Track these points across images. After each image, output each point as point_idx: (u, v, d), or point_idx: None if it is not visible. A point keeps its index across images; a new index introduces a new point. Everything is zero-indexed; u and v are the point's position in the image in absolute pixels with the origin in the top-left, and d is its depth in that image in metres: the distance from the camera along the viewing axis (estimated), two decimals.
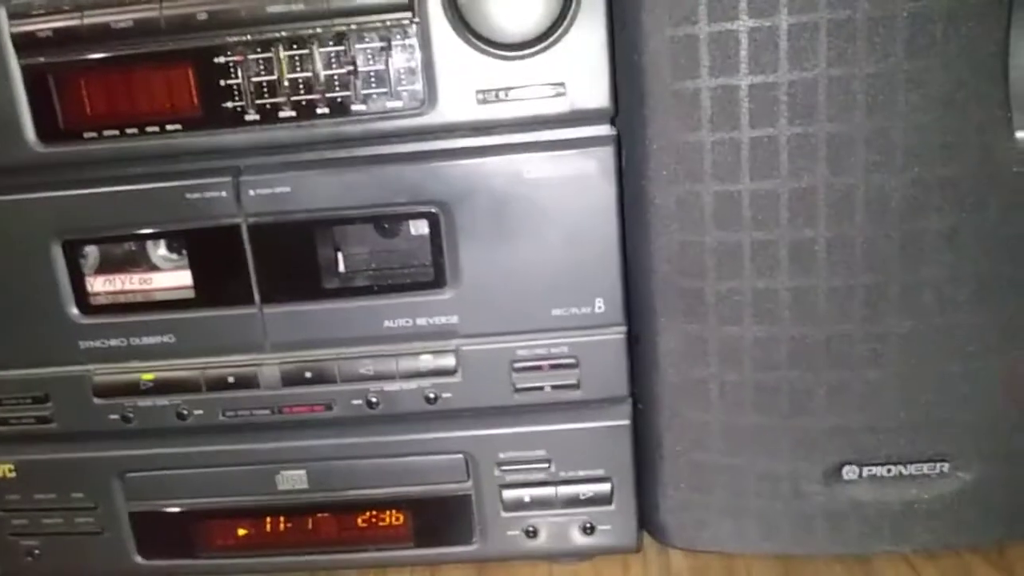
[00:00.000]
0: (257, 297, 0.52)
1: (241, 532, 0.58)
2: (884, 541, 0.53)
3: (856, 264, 0.46)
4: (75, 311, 0.53)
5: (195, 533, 0.58)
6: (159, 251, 0.53)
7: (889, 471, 0.51)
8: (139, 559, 0.58)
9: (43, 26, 0.48)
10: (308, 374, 0.53)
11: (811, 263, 0.46)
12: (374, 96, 0.48)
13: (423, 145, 0.50)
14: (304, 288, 0.52)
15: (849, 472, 0.51)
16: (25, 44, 0.48)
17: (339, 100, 0.48)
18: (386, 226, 0.52)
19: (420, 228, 0.51)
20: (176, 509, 0.57)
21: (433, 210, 0.50)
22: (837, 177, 0.44)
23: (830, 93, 0.43)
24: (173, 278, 0.53)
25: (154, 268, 0.53)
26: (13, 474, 0.57)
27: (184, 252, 0.52)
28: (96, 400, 0.55)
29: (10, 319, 0.54)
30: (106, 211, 0.51)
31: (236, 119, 0.49)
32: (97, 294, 0.53)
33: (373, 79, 0.48)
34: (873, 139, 0.43)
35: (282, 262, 0.51)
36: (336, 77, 0.48)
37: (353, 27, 0.47)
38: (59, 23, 0.47)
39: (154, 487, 0.57)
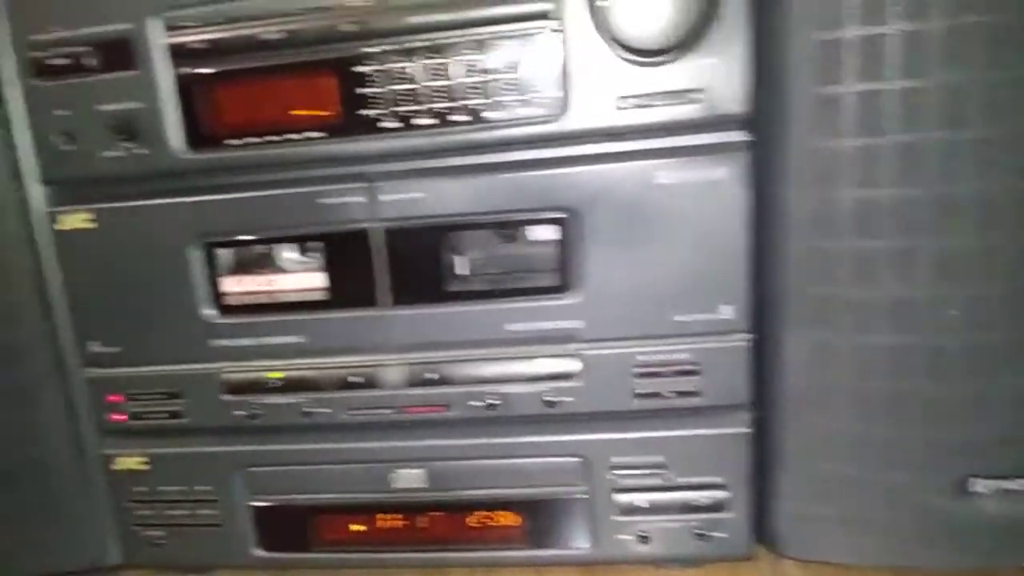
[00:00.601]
0: (385, 300, 0.52)
1: (355, 528, 0.58)
2: (1012, 556, 0.50)
3: (999, 272, 0.44)
4: (211, 311, 0.54)
5: (311, 528, 0.58)
6: (291, 254, 0.54)
7: (1022, 485, 0.49)
8: (256, 551, 0.59)
9: (198, 37, 0.49)
10: (430, 375, 0.53)
11: (953, 271, 0.44)
12: (510, 103, 0.48)
13: (554, 151, 0.50)
14: (430, 291, 0.52)
15: (978, 485, 0.49)
16: (180, 54, 0.49)
17: (475, 108, 0.48)
18: (512, 231, 0.52)
19: (546, 233, 0.51)
20: (294, 504, 0.57)
21: (562, 215, 0.50)
22: (983, 183, 0.42)
23: (981, 98, 0.41)
24: (305, 280, 0.54)
25: (285, 271, 0.54)
26: (145, 466, 0.58)
27: (316, 255, 0.53)
28: (225, 397, 0.55)
29: (149, 318, 0.55)
30: (245, 215, 0.52)
31: (373, 127, 0.49)
32: (232, 295, 0.54)
33: (510, 86, 0.48)
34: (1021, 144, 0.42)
35: (411, 266, 0.52)
36: (473, 85, 0.48)
37: (492, 35, 0.47)
38: (213, 34, 0.48)
39: (274, 482, 0.57)
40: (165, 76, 0.50)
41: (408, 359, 0.53)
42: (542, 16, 0.46)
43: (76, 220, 0.54)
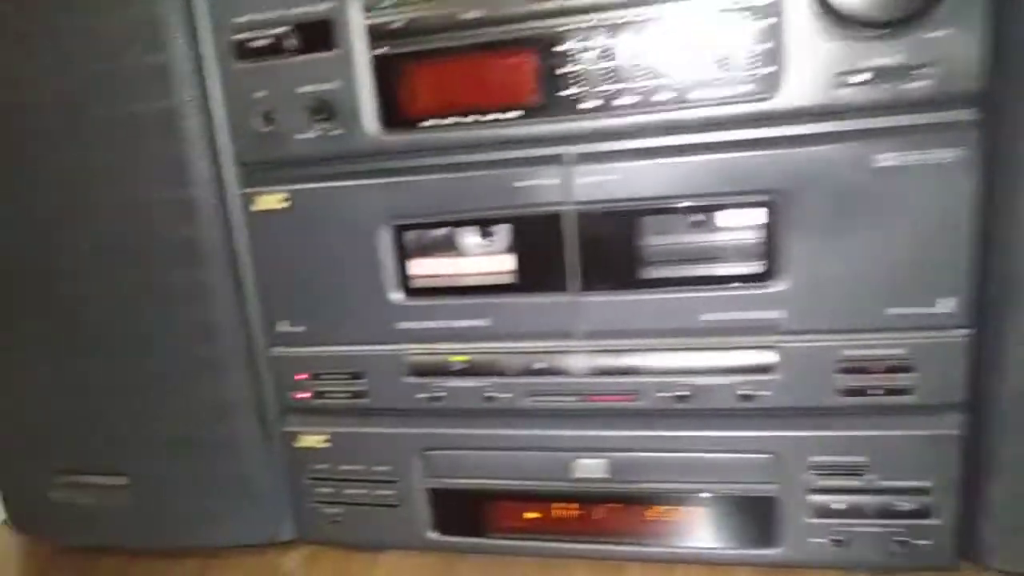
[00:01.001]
0: (575, 285, 0.52)
1: (531, 516, 0.59)
2: None
3: None
4: (398, 293, 0.56)
5: (486, 513, 0.59)
6: (477, 238, 0.54)
7: None
8: (432, 534, 0.60)
9: (397, 17, 0.50)
10: (618, 364, 0.53)
11: None
12: (718, 81, 0.47)
13: (762, 131, 0.48)
14: (623, 277, 0.52)
15: None
16: (378, 35, 0.50)
17: (680, 86, 0.47)
18: (712, 216, 0.50)
19: (749, 218, 0.50)
20: (471, 488, 0.59)
21: (768, 199, 0.48)
22: None
23: None
24: (492, 263, 0.54)
25: (472, 254, 0.55)
26: (326, 445, 0.60)
27: (503, 239, 0.53)
28: (408, 379, 0.57)
29: (336, 299, 0.57)
30: (437, 197, 0.53)
31: (572, 107, 0.49)
32: (419, 277, 0.56)
33: (718, 63, 0.46)
34: None
35: (604, 250, 0.52)
36: (679, 62, 0.47)
37: (701, 8, 0.46)
38: (412, 14, 0.49)
39: (453, 466, 0.59)
40: (362, 57, 0.52)
41: (596, 346, 0.53)
42: None
43: (271, 201, 0.56)
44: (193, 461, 0.62)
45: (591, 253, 0.52)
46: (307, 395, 0.60)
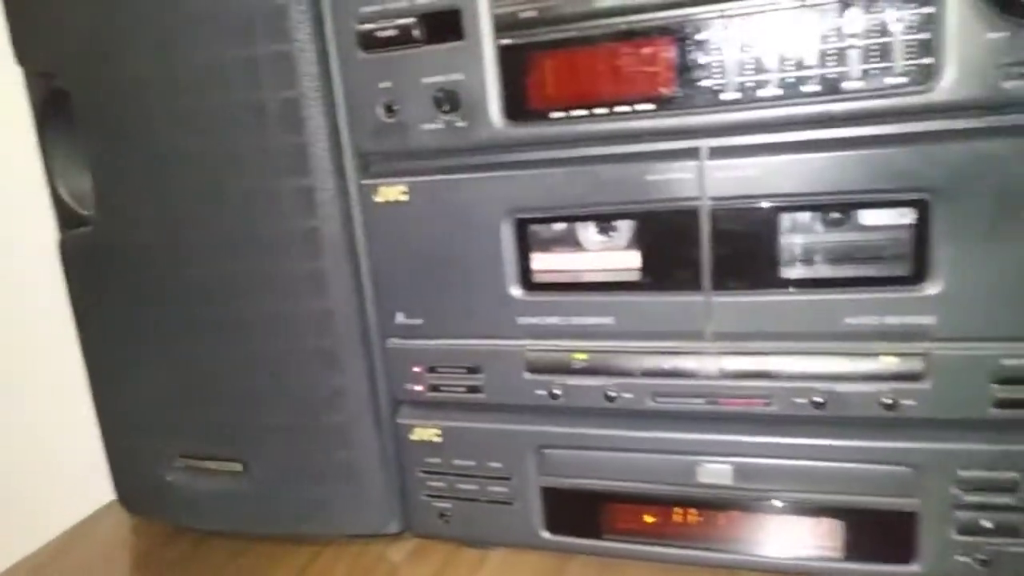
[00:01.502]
0: (706, 284, 0.52)
1: (649, 519, 0.59)
2: None
3: None
4: (518, 288, 0.56)
5: (602, 514, 0.60)
6: (603, 233, 0.55)
7: None
8: (544, 533, 0.61)
9: (527, 6, 0.50)
10: (751, 367, 0.53)
11: None
12: (872, 72, 0.45)
13: (916, 125, 0.47)
14: (759, 277, 0.51)
15: None
16: (506, 25, 0.51)
17: (830, 77, 0.46)
18: (856, 214, 0.49)
19: (900, 217, 0.48)
20: (588, 489, 0.59)
21: (922, 197, 0.47)
22: None
23: None
24: (618, 259, 0.54)
25: (596, 249, 0.55)
26: (439, 438, 0.62)
27: (630, 234, 0.53)
28: (527, 375, 0.58)
29: (454, 292, 0.58)
30: (562, 191, 0.53)
31: (711, 98, 0.49)
32: (540, 272, 0.56)
33: (874, 52, 0.45)
34: None
35: (738, 248, 0.51)
36: (829, 51, 0.46)
37: None
38: (544, 2, 0.50)
39: (569, 465, 0.59)
40: (489, 47, 0.52)
41: (727, 347, 0.53)
42: None
43: (391, 192, 0.57)
44: (306, 449, 0.64)
45: (725, 250, 0.51)
46: (422, 388, 0.61)
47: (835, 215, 0.50)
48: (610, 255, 0.55)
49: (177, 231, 0.62)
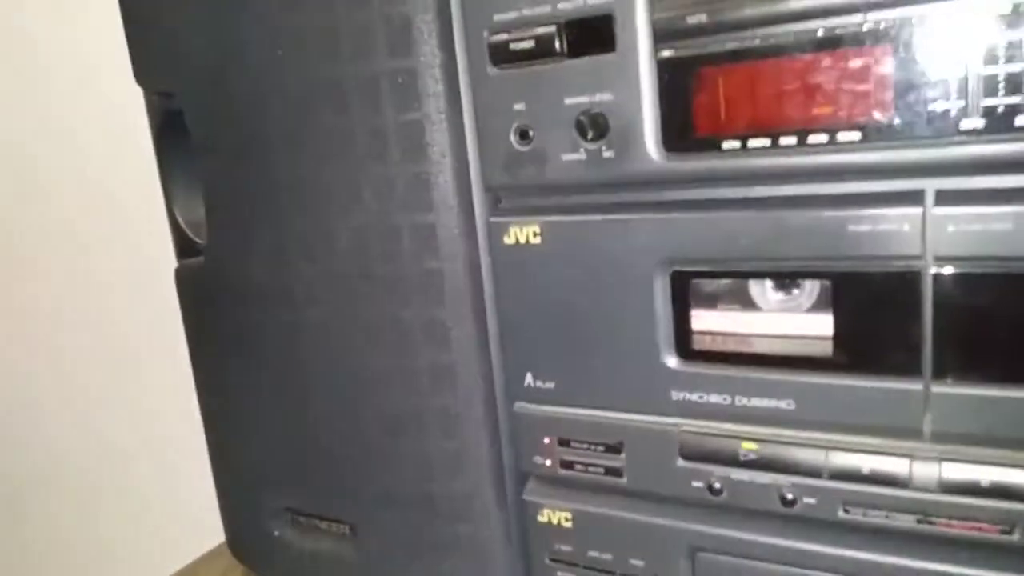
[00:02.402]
0: (926, 369, 0.41)
1: None
2: None
3: None
4: (673, 355, 0.48)
5: None
6: (785, 290, 0.45)
7: None
8: None
9: (694, 8, 0.41)
10: (984, 481, 0.41)
11: None
12: None
13: None
14: (998, 365, 0.40)
15: None
16: (667, 33, 0.43)
17: None
18: None
19: None
20: None
21: None
22: None
23: None
24: (803, 324, 0.45)
25: (774, 311, 0.45)
26: (569, 524, 0.54)
27: (820, 295, 0.44)
28: (680, 462, 0.49)
29: (594, 354, 0.50)
30: (734, 241, 0.44)
31: (943, 127, 0.38)
32: (701, 337, 0.47)
33: None
34: None
35: (975, 327, 0.40)
36: None
37: None
38: (707, 7, 0.41)
39: (730, 574, 0.50)
40: (647, 60, 0.44)
41: (952, 453, 0.42)
42: None
43: (524, 233, 0.50)
44: (420, 518, 0.59)
45: (954, 328, 0.40)
46: (552, 463, 0.54)
47: None
48: (793, 319, 0.45)
49: (288, 267, 0.58)
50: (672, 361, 0.48)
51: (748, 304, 0.46)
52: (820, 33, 0.40)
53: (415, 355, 0.55)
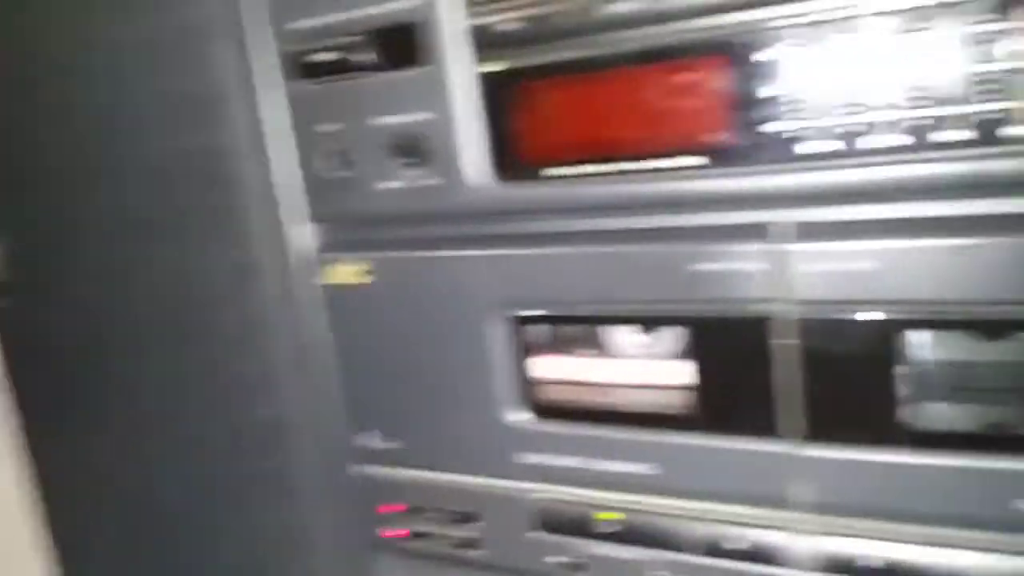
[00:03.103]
0: (792, 429, 0.37)
1: None
2: None
3: None
4: (517, 411, 0.43)
5: None
6: (643, 341, 0.40)
7: None
8: None
9: (511, 15, 0.36)
10: (866, 558, 0.37)
11: None
12: None
13: None
14: (876, 425, 0.35)
15: None
16: (486, 43, 0.37)
17: (985, 118, 0.30)
18: None
19: None
20: None
21: None
22: None
23: None
24: (660, 380, 0.40)
25: (631, 363, 0.41)
26: None
27: (684, 347, 0.39)
28: (536, 534, 0.44)
29: (438, 409, 0.45)
30: (574, 281, 0.39)
31: (788, 150, 0.33)
32: (549, 390, 0.42)
33: None
34: None
35: (842, 381, 0.35)
36: (986, 78, 0.30)
37: None
38: (535, 10, 0.36)
39: None
40: (465, 75, 0.39)
41: (829, 526, 0.37)
42: None
43: (348, 272, 0.45)
44: None
45: (820, 383, 0.36)
46: (402, 533, 0.49)
47: (998, 339, 0.33)
48: (649, 370, 0.40)
49: (95, 314, 0.52)
50: (516, 418, 0.43)
51: (598, 352, 0.41)
52: (653, 43, 0.35)
53: (239, 411, 0.50)
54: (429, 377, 0.45)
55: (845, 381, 0.35)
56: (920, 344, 0.34)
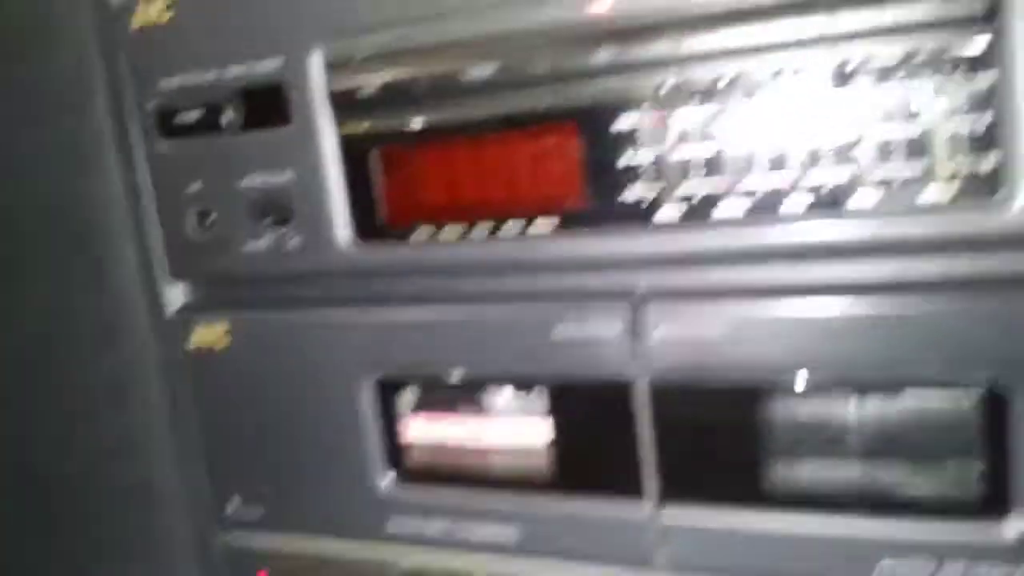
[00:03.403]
0: (652, 491, 0.37)
1: None
2: None
3: None
4: (383, 475, 0.43)
5: None
6: (505, 400, 0.40)
7: None
8: None
9: (370, 79, 0.37)
10: None
11: None
12: (899, 178, 0.31)
13: (974, 263, 0.32)
14: (732, 487, 0.36)
15: None
16: (347, 105, 0.38)
17: (832, 186, 0.32)
18: (892, 403, 0.34)
19: (956, 409, 0.33)
20: None
21: (994, 383, 0.32)
22: None
23: None
24: (523, 442, 0.40)
25: (495, 425, 0.41)
26: None
27: (544, 411, 0.39)
28: None
29: (304, 474, 0.45)
30: (437, 342, 0.39)
31: (641, 216, 0.34)
32: (415, 454, 0.42)
33: (892, 147, 0.30)
34: None
35: (701, 445, 0.36)
36: (834, 147, 0.31)
37: (867, 58, 0.30)
38: (392, 75, 0.36)
39: None
40: (327, 136, 0.39)
41: None
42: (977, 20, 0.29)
43: (211, 334, 0.44)
44: None
45: (681, 447, 0.36)
46: None
47: (854, 403, 0.34)
48: (514, 430, 0.40)
49: None
50: (384, 482, 0.43)
51: (465, 415, 0.41)
52: (507, 111, 0.35)
53: (108, 473, 0.48)
54: (295, 442, 0.44)
55: (703, 444, 0.36)
56: (777, 407, 0.35)
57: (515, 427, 0.40)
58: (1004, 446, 0.32)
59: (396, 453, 0.42)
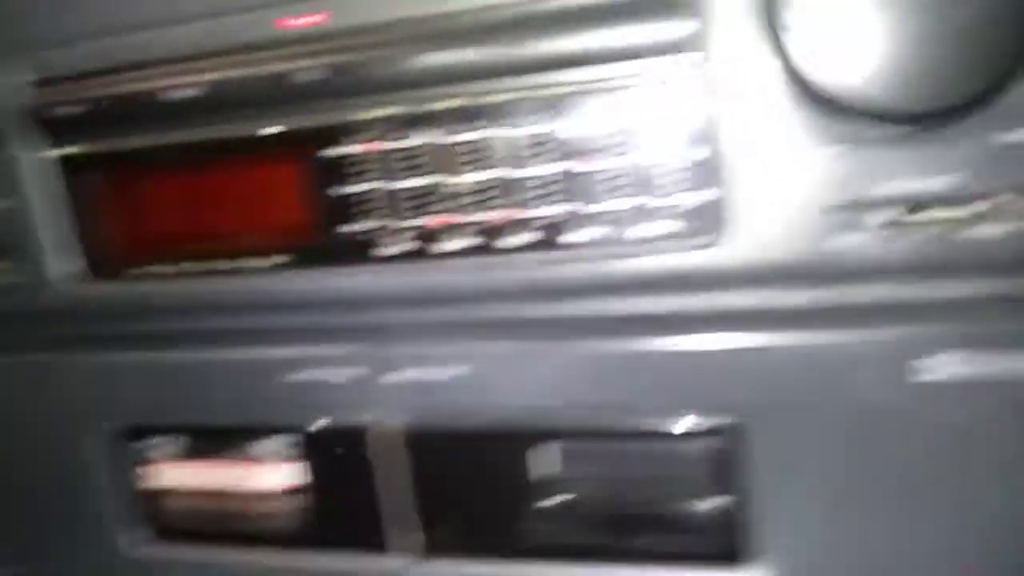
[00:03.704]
0: (406, 544, 0.35)
1: None
2: None
3: None
4: (126, 533, 0.39)
5: None
6: (246, 448, 0.38)
7: None
8: None
9: (82, 96, 0.34)
10: None
11: None
12: (619, 215, 0.29)
13: (706, 300, 0.30)
14: (484, 538, 0.34)
15: None
16: (58, 126, 0.34)
17: (550, 221, 0.30)
18: (634, 446, 0.33)
19: (698, 451, 0.32)
20: None
21: (729, 423, 0.30)
22: None
23: None
24: (276, 488, 0.37)
25: (238, 475, 0.38)
26: None
27: (287, 459, 0.37)
28: None
29: (51, 535, 0.41)
30: (169, 386, 0.36)
31: (370, 251, 0.32)
32: (158, 508, 0.39)
33: (616, 181, 0.29)
34: None
35: (450, 492, 0.34)
36: (549, 179, 0.30)
37: (582, 87, 0.28)
38: (101, 91, 0.33)
39: None
40: (46, 161, 0.36)
41: None
42: (673, 50, 0.27)
43: None
44: None
45: (427, 493, 0.34)
46: None
47: (599, 446, 0.33)
48: (258, 480, 0.38)
49: None
50: (126, 541, 0.39)
51: (208, 465, 0.38)
52: (226, 136, 0.33)
53: None
54: (34, 499, 0.40)
55: (451, 491, 0.34)
56: (533, 455, 0.33)
57: (261, 476, 0.37)
58: (746, 490, 0.31)
59: (136, 509, 0.39)
